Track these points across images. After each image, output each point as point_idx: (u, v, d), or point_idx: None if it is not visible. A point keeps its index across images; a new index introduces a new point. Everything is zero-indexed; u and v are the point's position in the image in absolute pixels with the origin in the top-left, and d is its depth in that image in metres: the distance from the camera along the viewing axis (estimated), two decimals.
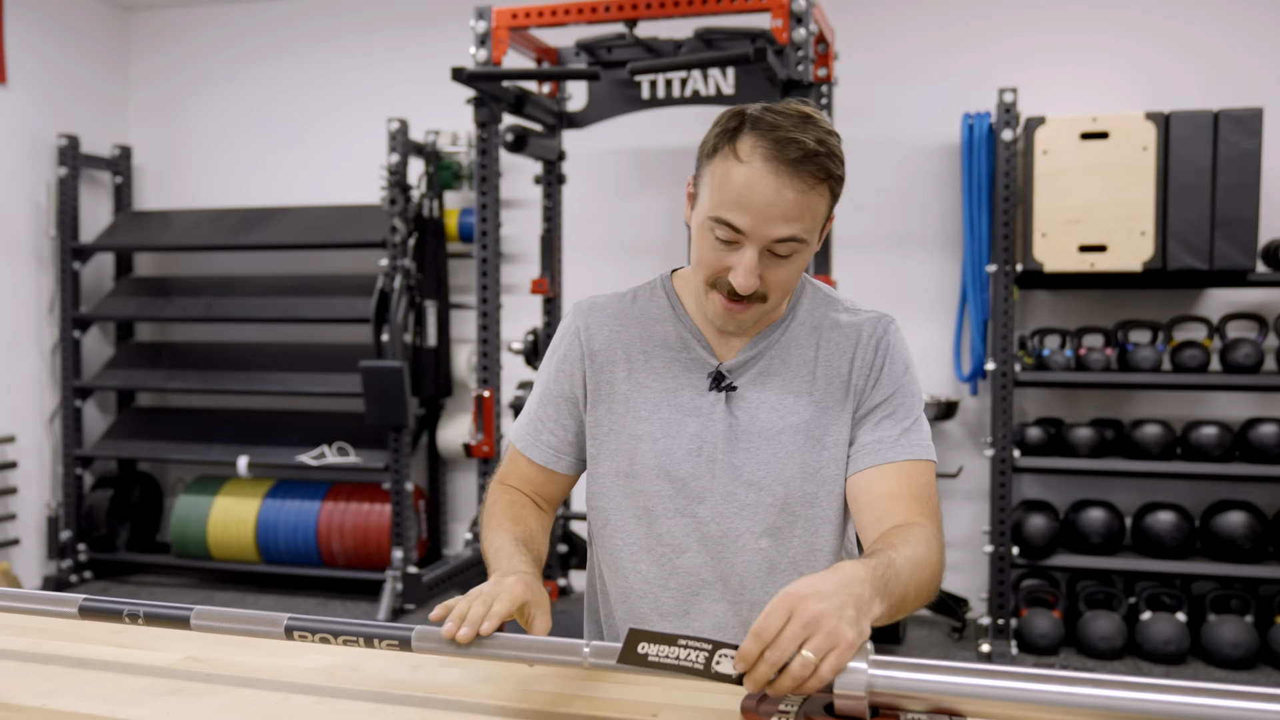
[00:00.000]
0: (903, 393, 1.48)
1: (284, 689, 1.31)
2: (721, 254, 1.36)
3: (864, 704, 1.04)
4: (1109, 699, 1.00)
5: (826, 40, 4.26)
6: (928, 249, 4.82)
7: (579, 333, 1.53)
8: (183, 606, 1.31)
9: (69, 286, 5.43)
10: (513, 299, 5.06)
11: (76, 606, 1.33)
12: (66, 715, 1.23)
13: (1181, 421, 4.42)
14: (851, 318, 1.51)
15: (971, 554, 4.79)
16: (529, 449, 1.56)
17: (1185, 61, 4.51)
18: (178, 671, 1.37)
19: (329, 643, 1.24)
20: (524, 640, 1.20)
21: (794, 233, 1.33)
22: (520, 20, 3.94)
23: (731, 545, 1.46)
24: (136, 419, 5.75)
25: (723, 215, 1.33)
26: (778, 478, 1.44)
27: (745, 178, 1.31)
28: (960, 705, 1.04)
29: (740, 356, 1.47)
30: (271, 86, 5.66)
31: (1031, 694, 1.02)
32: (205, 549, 5.32)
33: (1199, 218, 4.09)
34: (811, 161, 1.31)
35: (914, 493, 1.41)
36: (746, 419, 1.46)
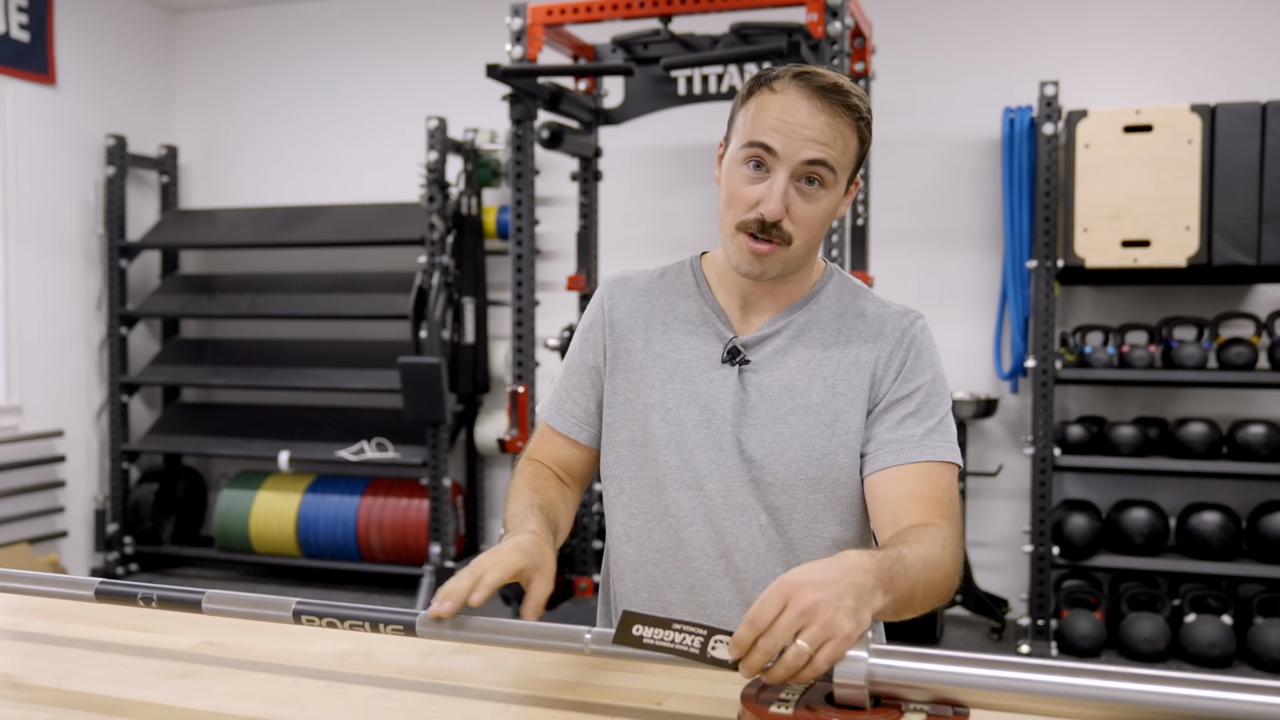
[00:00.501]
0: (928, 391, 1.44)
1: (295, 673, 1.32)
2: (750, 187, 1.38)
3: (864, 693, 1.03)
4: (1111, 690, 0.98)
5: (864, 34, 4.23)
6: (968, 245, 4.77)
7: (603, 302, 1.56)
8: (195, 590, 1.33)
9: (116, 284, 5.54)
10: (549, 296, 5.07)
11: (93, 590, 1.35)
12: (81, 695, 1.25)
13: (1228, 420, 4.33)
14: (879, 309, 1.49)
15: (1011, 554, 4.72)
16: (553, 417, 1.57)
17: (1231, 52, 4.41)
18: (192, 655, 1.39)
19: (335, 627, 1.25)
20: (526, 627, 1.20)
21: (824, 155, 1.35)
22: (555, 17, 3.94)
23: (734, 521, 1.45)
24: (181, 414, 5.84)
25: (757, 138, 1.36)
26: (781, 457, 1.43)
27: (780, 102, 1.36)
28: (962, 696, 1.03)
29: (759, 332, 1.47)
30: (313, 86, 5.73)
31: (1033, 685, 1.00)
32: (248, 543, 5.40)
33: (1246, 212, 4.00)
34: (841, 93, 1.36)
35: (934, 495, 1.38)
36: (757, 395, 1.45)
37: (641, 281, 1.57)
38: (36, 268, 5.22)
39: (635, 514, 1.51)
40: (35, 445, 5.23)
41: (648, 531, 1.50)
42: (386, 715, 1.19)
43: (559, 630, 1.18)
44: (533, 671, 1.32)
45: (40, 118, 5.22)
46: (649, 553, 1.51)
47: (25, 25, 5.10)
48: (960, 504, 1.43)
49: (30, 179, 5.17)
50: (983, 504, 4.78)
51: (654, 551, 1.50)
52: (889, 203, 4.75)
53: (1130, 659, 4.15)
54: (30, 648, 1.42)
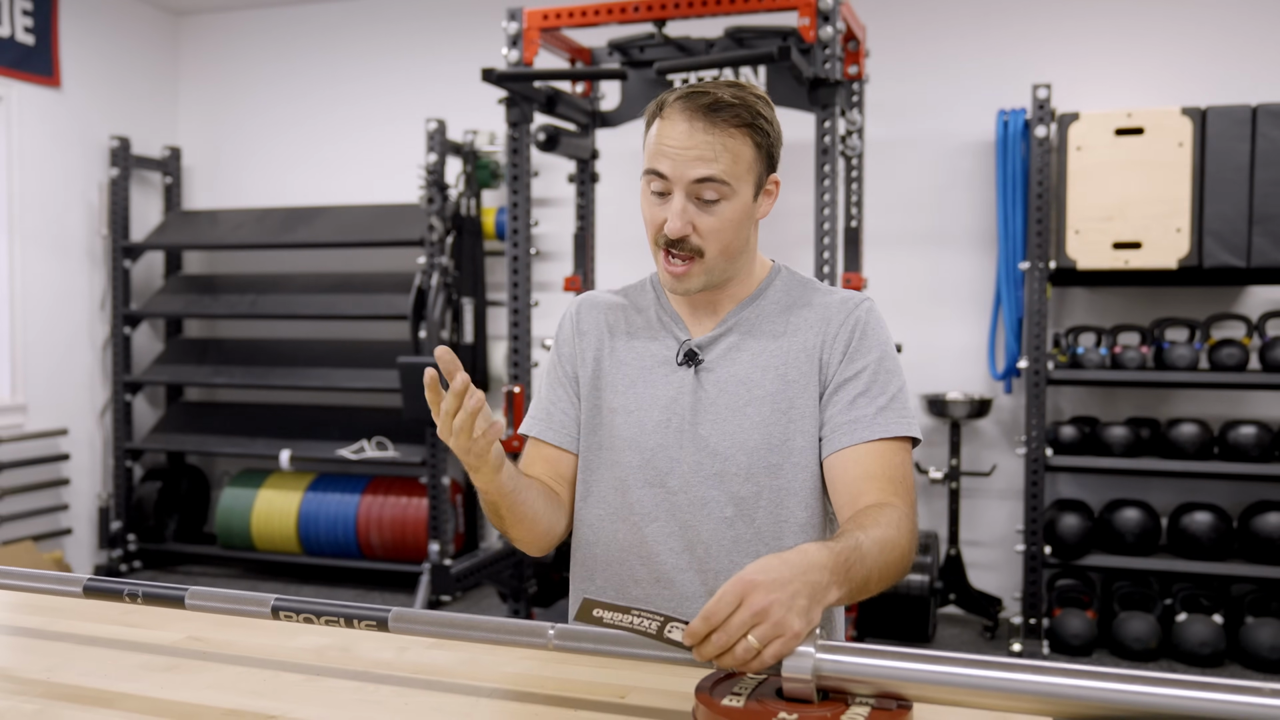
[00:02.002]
0: (875, 369, 1.48)
1: (275, 667, 1.37)
2: (658, 209, 1.46)
3: (811, 687, 1.07)
4: (1051, 685, 1.02)
5: (857, 38, 4.26)
6: (961, 246, 4.80)
7: (572, 318, 1.64)
8: (179, 587, 1.37)
9: (120, 284, 5.60)
10: (547, 296, 5.12)
11: (81, 586, 1.40)
12: (68, 688, 1.30)
13: (1219, 421, 4.36)
14: (824, 297, 1.56)
15: (1004, 553, 4.76)
16: (543, 432, 1.60)
17: (1222, 56, 4.44)
18: (176, 649, 1.44)
19: (312, 623, 1.30)
20: (493, 623, 1.24)
21: (712, 173, 1.41)
22: (551, 21, 3.99)
23: (698, 515, 1.50)
24: (184, 413, 5.90)
25: (649, 165, 1.45)
26: (742, 448, 1.48)
27: (667, 127, 1.43)
28: (904, 690, 1.07)
29: (711, 333, 1.54)
30: (315, 88, 5.78)
31: (971, 679, 1.04)
32: (249, 540, 5.46)
33: (1236, 214, 4.03)
34: (726, 109, 1.41)
35: (888, 473, 1.43)
36: (715, 392, 1.51)
37: (605, 298, 1.65)
38: (42, 268, 5.28)
39: (601, 515, 1.56)
40: (40, 443, 5.29)
41: (613, 530, 1.56)
42: (362, 708, 1.23)
43: (525, 626, 1.22)
44: (503, 666, 1.36)
45: (45, 120, 5.28)
46: (614, 551, 1.56)
47: (30, 28, 5.16)
48: (914, 479, 1.49)
49: (35, 180, 5.23)
50: (976, 503, 4.82)
51: (619, 550, 1.55)
52: (883, 204, 4.79)
53: (1122, 658, 4.18)
54: (22, 642, 1.47)
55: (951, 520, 4.64)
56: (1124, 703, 1.00)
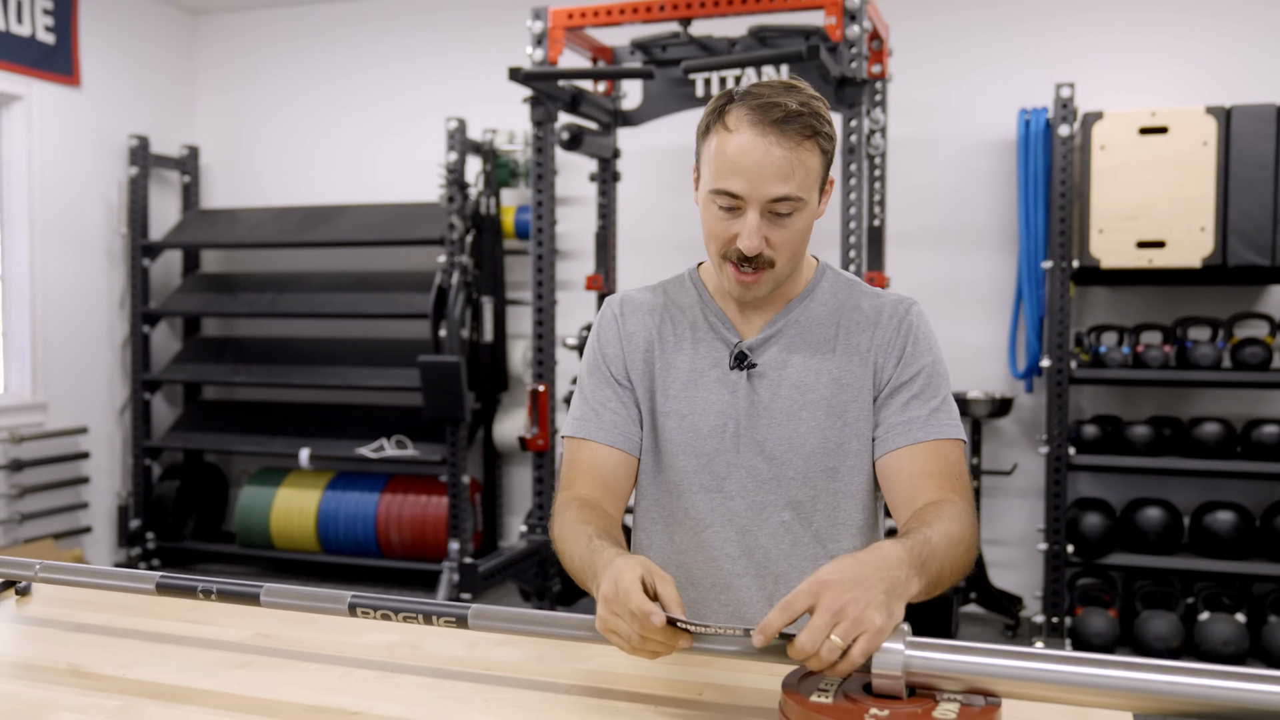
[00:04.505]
0: (929, 373, 1.50)
1: (348, 664, 1.38)
2: (726, 223, 1.43)
3: (901, 683, 1.08)
4: (1141, 681, 1.02)
5: (881, 37, 4.27)
6: (983, 245, 4.81)
7: (615, 320, 1.59)
8: (253, 584, 1.38)
9: (139, 282, 5.61)
10: (568, 295, 5.13)
11: (154, 583, 1.41)
12: (145, 685, 1.31)
13: (1242, 420, 4.36)
14: (874, 300, 1.55)
15: (1026, 552, 4.76)
16: (593, 433, 1.54)
17: (1246, 54, 4.44)
18: (248, 646, 1.45)
19: (389, 619, 1.30)
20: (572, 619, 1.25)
21: (788, 191, 1.39)
22: (576, 20, 3.99)
23: (755, 520, 1.50)
24: (203, 411, 5.91)
25: (720, 186, 1.40)
26: (798, 452, 1.49)
27: (736, 145, 1.38)
28: (995, 686, 1.08)
29: (761, 334, 1.53)
30: (333, 87, 5.79)
31: (1064, 675, 1.05)
32: (268, 538, 5.47)
33: (1260, 213, 4.03)
34: (795, 120, 1.38)
35: (945, 471, 1.45)
36: (768, 396, 1.50)
37: (645, 299, 1.61)
38: (61, 266, 5.29)
39: (655, 518, 1.56)
40: (60, 442, 5.30)
41: (669, 535, 1.56)
42: (441, 704, 1.24)
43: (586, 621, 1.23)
44: (575, 663, 1.37)
45: (65, 118, 5.29)
46: (671, 554, 1.56)
47: (51, 28, 5.17)
48: (969, 477, 1.49)
49: (55, 179, 5.24)
50: (997, 502, 4.82)
51: (676, 553, 1.56)
52: (905, 203, 4.79)
53: (1144, 657, 4.17)
54: (92, 639, 1.48)
55: None
56: (1215, 699, 1.01)
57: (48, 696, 1.27)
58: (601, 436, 1.53)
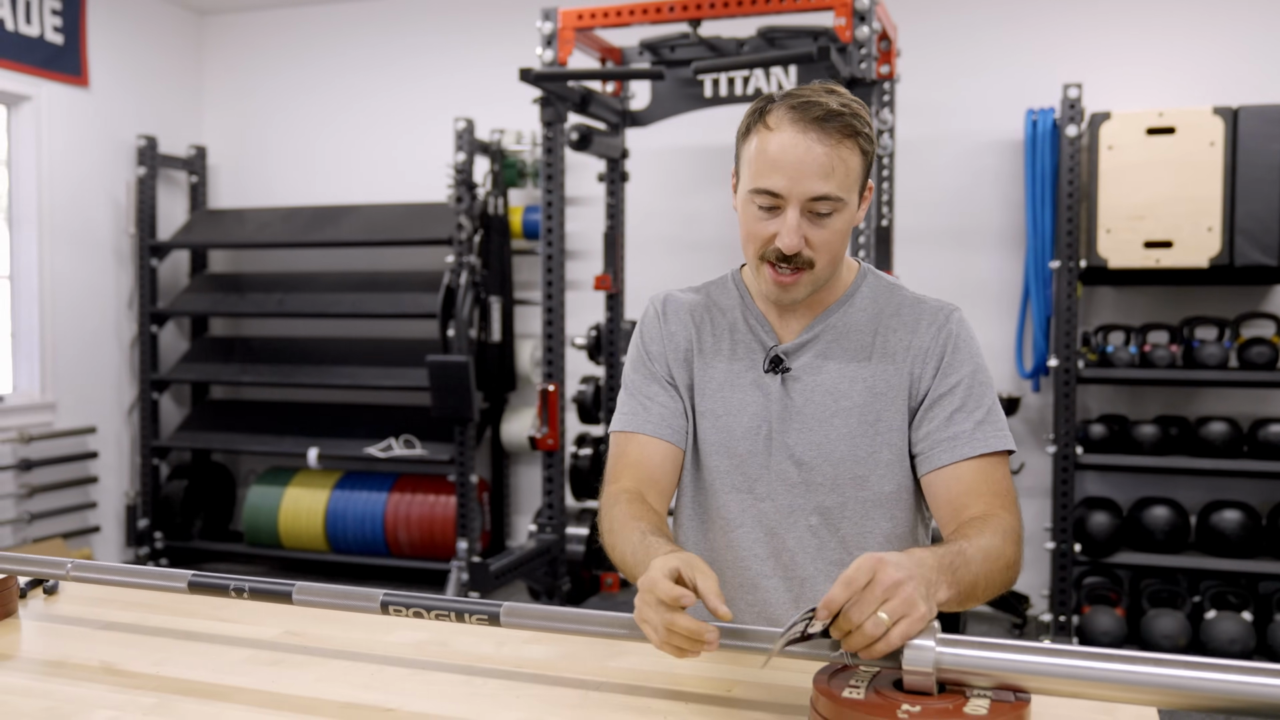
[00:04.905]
0: (970, 382, 1.47)
1: (378, 661, 1.39)
2: (765, 223, 1.43)
3: (932, 680, 1.10)
4: (1170, 677, 1.04)
5: (889, 37, 4.28)
6: (990, 245, 4.82)
7: (659, 318, 1.60)
8: (284, 583, 1.40)
9: (147, 282, 5.62)
10: (575, 295, 5.14)
11: (186, 582, 1.43)
12: (178, 682, 1.33)
13: (1249, 419, 4.38)
14: (914, 306, 1.54)
15: (1033, 551, 4.78)
16: (641, 425, 1.53)
17: (1253, 55, 4.45)
18: (278, 644, 1.46)
19: (421, 617, 1.32)
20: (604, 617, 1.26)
21: (829, 190, 1.39)
22: (586, 21, 4.01)
23: (784, 522, 1.51)
24: (210, 411, 5.93)
25: (760, 184, 1.41)
26: (828, 458, 1.49)
27: (777, 143, 1.40)
28: (1024, 682, 1.09)
29: (799, 339, 1.53)
30: (341, 87, 5.80)
31: (1094, 671, 1.06)
32: (276, 538, 5.48)
33: (1267, 213, 4.05)
34: (836, 119, 1.38)
35: (991, 488, 1.42)
36: (801, 400, 1.51)
37: (689, 299, 1.62)
38: (70, 266, 5.31)
39: (692, 515, 1.58)
40: (68, 441, 5.32)
41: (702, 532, 1.58)
42: (474, 701, 1.25)
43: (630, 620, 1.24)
44: (605, 661, 1.38)
45: (73, 119, 5.31)
46: (704, 551, 1.57)
47: (59, 28, 5.19)
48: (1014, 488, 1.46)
49: (64, 179, 5.26)
50: None
51: (708, 551, 1.57)
52: (913, 202, 4.81)
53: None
54: (122, 637, 1.49)
55: None
56: (1240, 694, 1.02)
57: (83, 694, 1.28)
58: (649, 429, 1.53)
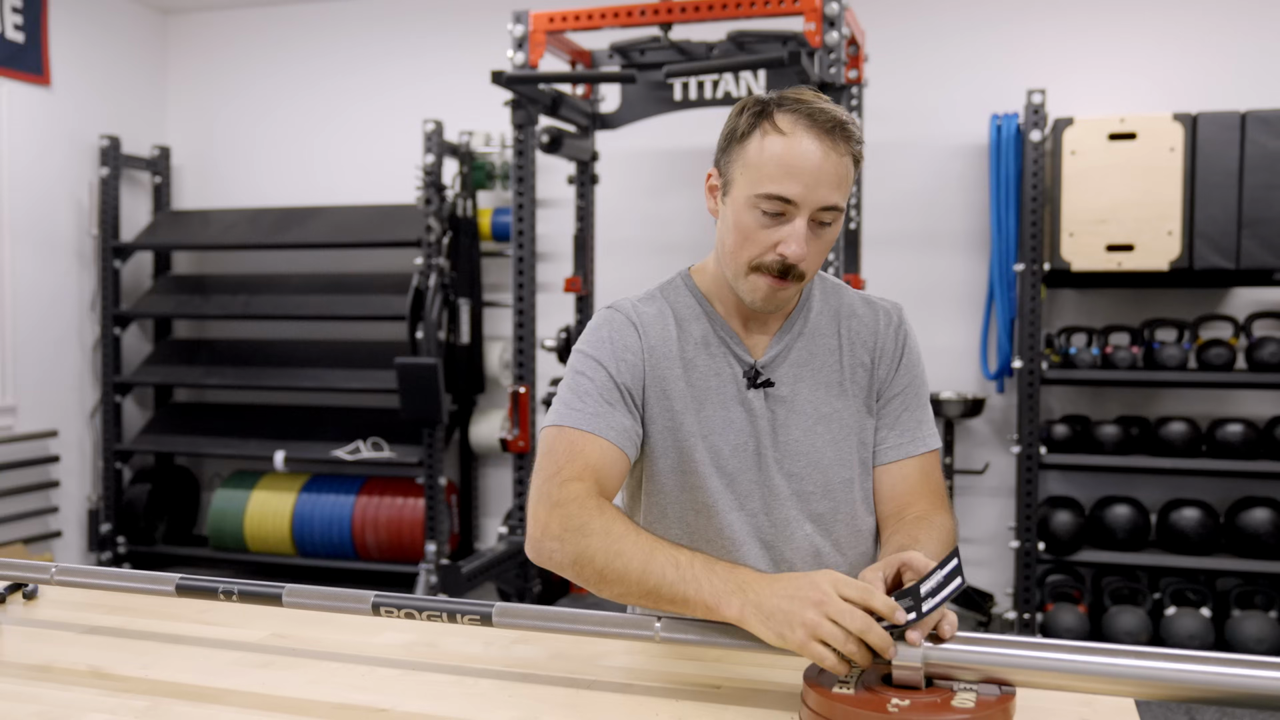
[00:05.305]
0: (919, 381, 1.58)
1: (368, 662, 1.40)
2: (769, 230, 1.40)
3: (920, 674, 1.13)
4: (1149, 669, 1.07)
5: (857, 42, 4.33)
6: (955, 248, 4.88)
7: (638, 329, 1.51)
8: (275, 585, 1.40)
9: (110, 284, 5.56)
10: (545, 297, 5.14)
11: (174, 585, 1.43)
12: (169, 684, 1.33)
13: (1207, 419, 4.47)
14: (867, 306, 1.59)
15: (997, 550, 4.85)
16: (603, 430, 1.42)
17: (1212, 63, 4.55)
18: (266, 646, 1.47)
19: (414, 618, 1.33)
20: (598, 617, 1.28)
21: (837, 200, 1.40)
22: (557, 24, 4.02)
23: (781, 536, 1.52)
24: (174, 414, 5.87)
25: (772, 189, 1.38)
26: (817, 466, 1.52)
27: (793, 147, 1.37)
28: (1009, 675, 1.12)
29: (771, 352, 1.53)
30: (307, 88, 5.77)
31: (1077, 664, 1.09)
32: (242, 542, 5.44)
33: (1226, 217, 4.13)
34: (844, 129, 1.39)
35: (931, 486, 1.55)
36: (785, 413, 1.51)
37: (655, 310, 1.53)
38: (31, 268, 5.23)
39: (682, 535, 1.52)
40: (29, 445, 5.24)
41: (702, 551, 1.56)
42: (467, 701, 1.27)
43: (631, 620, 1.26)
44: (593, 660, 1.40)
45: (35, 118, 5.24)
46: None
47: (20, 26, 5.12)
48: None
49: (25, 179, 5.18)
50: (970, 501, 4.90)
51: None
52: (880, 206, 4.86)
53: None
54: (109, 641, 1.49)
55: None
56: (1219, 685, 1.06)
57: (73, 698, 1.28)
58: (613, 436, 1.43)
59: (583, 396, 1.45)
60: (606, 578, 1.27)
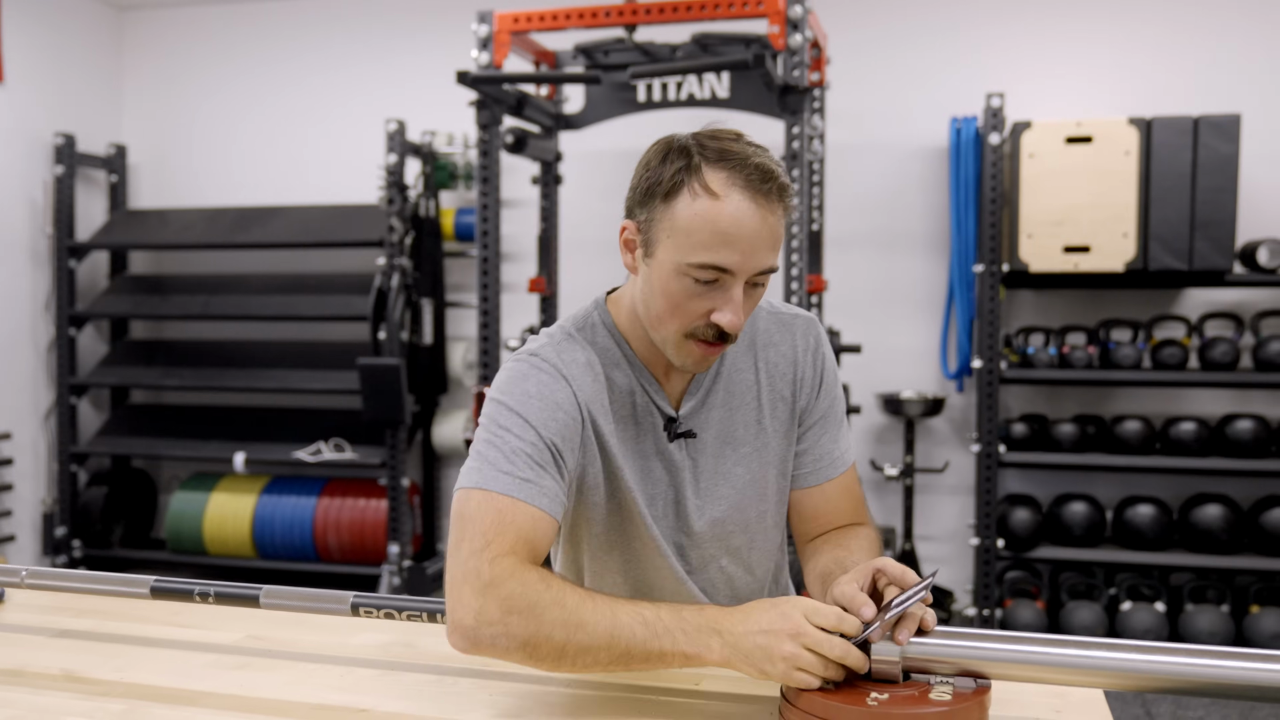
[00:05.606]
0: (837, 400, 1.54)
1: (346, 663, 1.40)
2: (703, 299, 1.30)
3: (898, 668, 1.15)
4: (1121, 660, 1.10)
5: (820, 46, 4.36)
6: (915, 249, 4.94)
7: (569, 382, 1.37)
8: (251, 586, 1.40)
9: (65, 284, 5.47)
10: (509, 297, 5.13)
11: (148, 588, 1.42)
12: (144, 688, 1.32)
13: (1161, 417, 4.56)
14: (781, 328, 1.51)
15: (957, 547, 4.91)
16: (535, 497, 1.27)
17: (1167, 69, 4.64)
18: (241, 648, 1.46)
19: (394, 618, 1.33)
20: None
21: (774, 261, 1.31)
22: (522, 25, 4.02)
23: (710, 579, 1.50)
24: (131, 416, 5.79)
25: (706, 259, 1.27)
26: (737, 506, 1.48)
27: (729, 213, 1.25)
28: (985, 668, 1.14)
29: (690, 402, 1.45)
30: (267, 86, 5.72)
31: (1050, 657, 1.12)
32: (201, 545, 5.37)
33: (1179, 220, 4.22)
34: (779, 185, 1.28)
35: (852, 501, 1.54)
36: (704, 461, 1.46)
37: (579, 355, 1.40)
38: None
39: (613, 588, 1.49)
40: None
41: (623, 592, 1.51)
42: (448, 700, 1.27)
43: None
44: None
45: None
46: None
47: None
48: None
49: None
50: (930, 499, 4.96)
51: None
52: (841, 207, 4.91)
53: None
54: (80, 644, 1.48)
55: (906, 516, 4.77)
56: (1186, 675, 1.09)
57: (48, 702, 1.27)
58: (544, 503, 1.27)
59: (510, 457, 1.28)
60: (567, 653, 1.17)
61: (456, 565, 1.21)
